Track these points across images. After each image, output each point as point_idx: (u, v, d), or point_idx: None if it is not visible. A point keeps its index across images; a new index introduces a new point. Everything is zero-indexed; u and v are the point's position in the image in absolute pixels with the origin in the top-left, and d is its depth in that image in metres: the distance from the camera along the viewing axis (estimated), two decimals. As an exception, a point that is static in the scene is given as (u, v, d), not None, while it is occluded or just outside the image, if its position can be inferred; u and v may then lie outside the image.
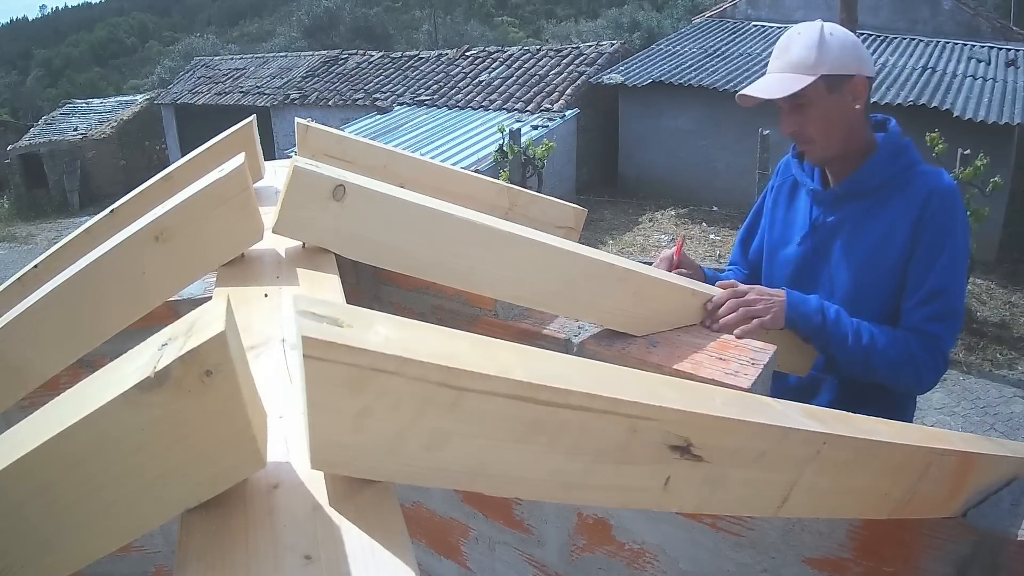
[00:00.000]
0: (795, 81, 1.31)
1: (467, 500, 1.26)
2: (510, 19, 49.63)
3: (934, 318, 1.31)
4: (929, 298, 1.31)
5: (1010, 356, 5.82)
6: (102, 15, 71.89)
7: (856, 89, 1.34)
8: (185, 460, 0.40)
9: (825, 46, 1.31)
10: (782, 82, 1.33)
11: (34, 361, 0.82)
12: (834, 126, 1.35)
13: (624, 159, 11.20)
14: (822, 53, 1.31)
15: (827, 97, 1.32)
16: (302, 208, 0.83)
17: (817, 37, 1.32)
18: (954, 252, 1.32)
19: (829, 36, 1.32)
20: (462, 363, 0.42)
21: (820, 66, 1.30)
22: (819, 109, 1.33)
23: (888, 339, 1.30)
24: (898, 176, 1.36)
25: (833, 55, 1.31)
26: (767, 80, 1.37)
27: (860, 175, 1.38)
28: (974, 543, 0.77)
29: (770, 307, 1.20)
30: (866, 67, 1.35)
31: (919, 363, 1.30)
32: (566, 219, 1.53)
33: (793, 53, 1.34)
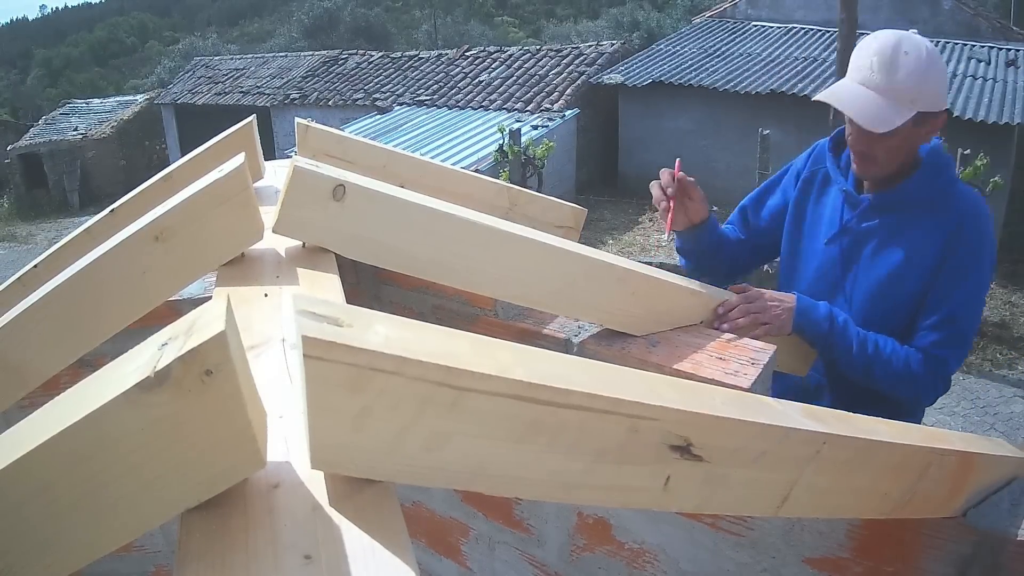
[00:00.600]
0: (893, 115, 1.23)
1: (467, 500, 1.26)
2: (510, 19, 49.64)
3: (944, 343, 1.30)
4: (943, 323, 1.30)
5: (1010, 356, 5.82)
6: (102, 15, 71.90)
7: (936, 123, 1.28)
8: (185, 460, 0.40)
9: (929, 80, 1.23)
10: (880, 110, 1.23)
11: (34, 361, 0.82)
12: (902, 156, 1.31)
13: (624, 159, 11.20)
14: (925, 87, 1.23)
15: (911, 130, 1.26)
16: (302, 208, 0.83)
17: (924, 66, 1.22)
18: (977, 280, 1.30)
19: (932, 65, 1.23)
20: (462, 363, 0.42)
21: (919, 101, 1.23)
22: (900, 140, 1.27)
23: (892, 354, 1.29)
24: (936, 195, 1.32)
25: (933, 90, 1.24)
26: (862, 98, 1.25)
27: (901, 190, 1.33)
28: (974, 543, 0.77)
29: (778, 314, 1.20)
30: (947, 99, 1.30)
31: (919, 383, 1.30)
32: (566, 219, 1.53)
33: (900, 78, 1.22)
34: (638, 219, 9.89)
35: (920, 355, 1.30)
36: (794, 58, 10.65)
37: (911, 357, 1.30)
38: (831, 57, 8.77)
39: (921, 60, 1.22)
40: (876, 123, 1.23)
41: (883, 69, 1.24)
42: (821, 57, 10.46)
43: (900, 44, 1.25)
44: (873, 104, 1.24)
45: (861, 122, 1.24)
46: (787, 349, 1.28)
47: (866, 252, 1.39)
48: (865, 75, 1.26)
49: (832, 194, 1.46)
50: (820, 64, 10.17)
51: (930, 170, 1.33)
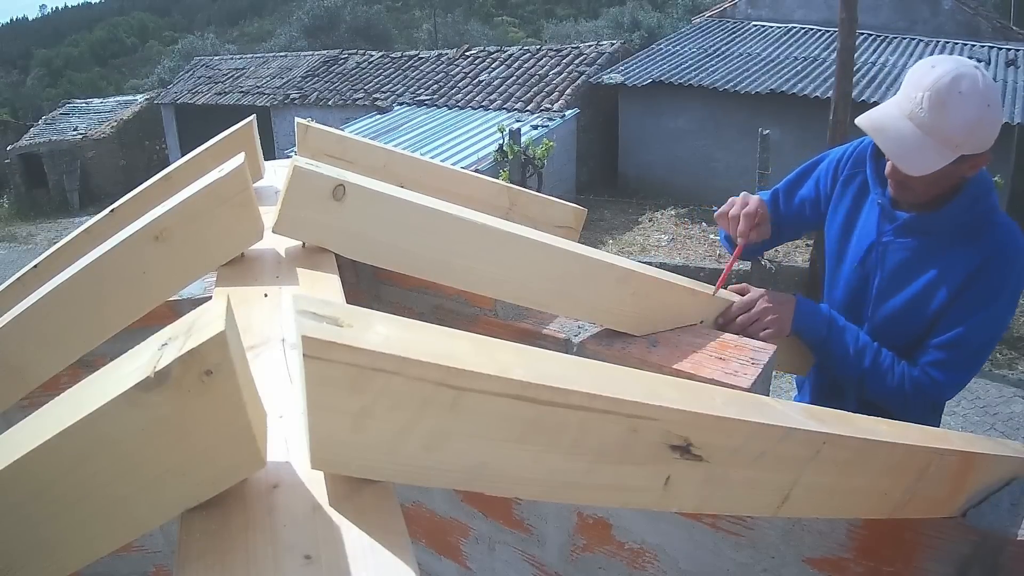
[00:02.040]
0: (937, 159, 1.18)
1: (467, 500, 1.26)
2: (510, 19, 49.63)
3: (943, 366, 1.28)
4: (947, 345, 1.28)
5: (1010, 356, 5.82)
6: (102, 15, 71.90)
7: (977, 163, 1.24)
8: (185, 460, 0.40)
9: (977, 128, 1.18)
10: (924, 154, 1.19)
11: (34, 361, 0.82)
12: (940, 188, 1.27)
13: (624, 159, 11.20)
14: (972, 136, 1.18)
15: (951, 167, 1.21)
16: (302, 208, 0.83)
17: (976, 114, 1.17)
18: (993, 314, 1.27)
19: (987, 109, 1.18)
20: (462, 363, 0.42)
21: (963, 147, 1.19)
22: (938, 175, 1.22)
23: (888, 369, 1.28)
24: (972, 221, 1.29)
25: (979, 137, 1.19)
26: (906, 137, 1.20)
27: (939, 216, 1.30)
28: (974, 543, 0.77)
29: (775, 319, 1.20)
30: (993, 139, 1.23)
31: (908, 402, 1.29)
32: (566, 219, 1.53)
33: (947, 122, 1.17)
34: (638, 219, 9.89)
35: (916, 373, 1.28)
36: (794, 58, 10.65)
37: (906, 376, 1.28)
38: (831, 57, 8.76)
39: (975, 105, 1.16)
40: (914, 167, 1.20)
41: (933, 109, 1.17)
42: (821, 57, 10.46)
43: (957, 83, 1.17)
44: (914, 145, 1.19)
45: (899, 165, 1.21)
46: (787, 349, 1.28)
47: (894, 269, 1.36)
48: (913, 109, 1.20)
49: (869, 202, 1.42)
50: (820, 64, 10.17)
51: (971, 197, 1.29)
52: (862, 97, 8.48)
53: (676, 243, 8.98)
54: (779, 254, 8.05)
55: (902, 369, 1.29)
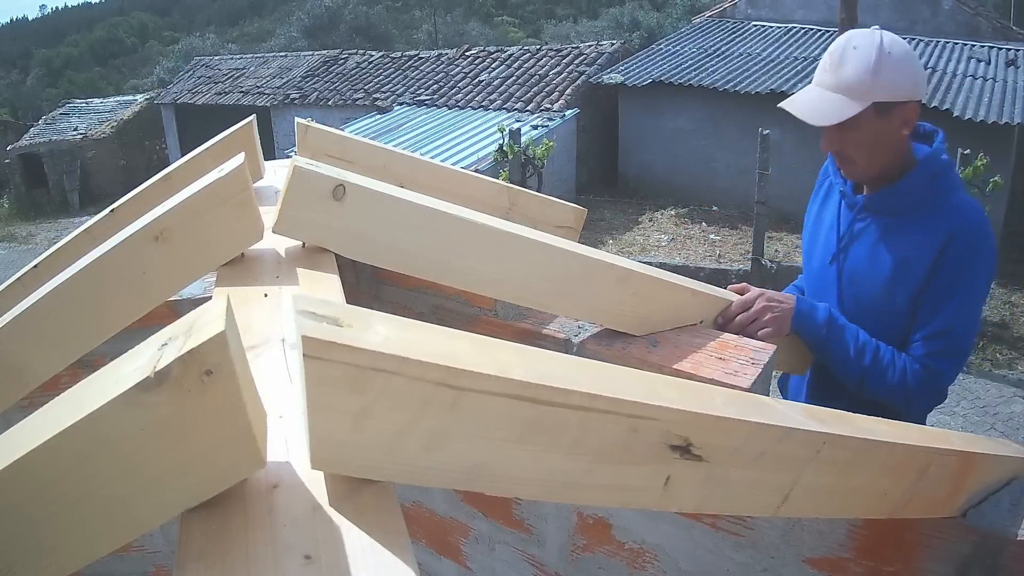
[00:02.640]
0: (844, 108, 1.24)
1: (467, 500, 1.26)
2: (510, 19, 49.63)
3: (939, 355, 1.29)
4: (936, 335, 1.29)
5: (1010, 356, 5.82)
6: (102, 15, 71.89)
7: (906, 115, 1.26)
8: (185, 460, 0.40)
9: (881, 70, 1.22)
10: (831, 105, 1.25)
11: (34, 361, 0.82)
12: (878, 150, 1.29)
13: (624, 159, 11.20)
14: (877, 78, 1.22)
15: (875, 121, 1.25)
16: (302, 208, 0.83)
17: (875, 58, 1.22)
18: (970, 292, 1.29)
19: (887, 56, 1.22)
20: (462, 363, 0.42)
21: (873, 93, 1.22)
22: (865, 133, 1.26)
23: (889, 365, 1.29)
24: (930, 200, 1.31)
25: (888, 81, 1.22)
26: (815, 98, 1.29)
27: (891, 193, 1.33)
28: (974, 543, 0.77)
29: (774, 319, 1.20)
30: (919, 90, 1.27)
31: (912, 395, 1.29)
32: (566, 219, 1.53)
33: (847, 72, 1.24)
34: (638, 219, 9.89)
35: (917, 367, 1.29)
36: (794, 58, 10.64)
37: (908, 369, 1.29)
38: (831, 57, 8.76)
39: (871, 52, 1.22)
40: (821, 117, 1.26)
41: (832, 66, 1.27)
42: (821, 57, 10.45)
43: (851, 40, 1.27)
44: (821, 100, 1.27)
45: (806, 118, 1.27)
46: (787, 349, 1.28)
47: (859, 254, 1.39)
48: (819, 76, 1.30)
49: (834, 198, 1.47)
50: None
51: (925, 172, 1.31)
52: (862, 97, 8.46)
53: (676, 243, 8.98)
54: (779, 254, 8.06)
55: (903, 364, 1.29)
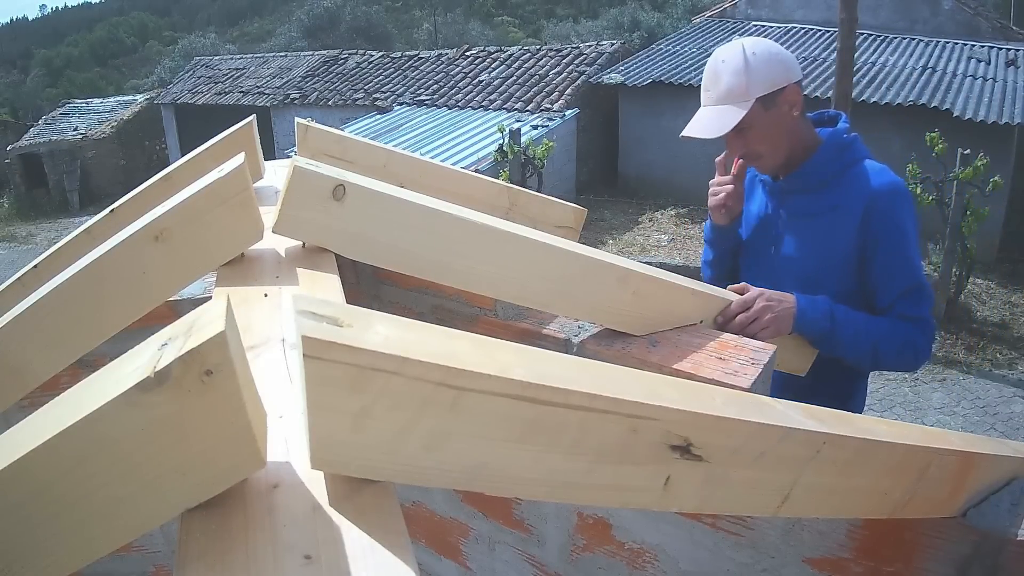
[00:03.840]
0: (732, 114, 1.35)
1: (467, 500, 1.26)
2: (510, 19, 49.63)
3: (915, 304, 1.38)
4: (905, 293, 1.38)
5: (1010, 356, 5.82)
6: (102, 15, 71.89)
7: (790, 98, 1.38)
8: (185, 460, 0.40)
9: (752, 69, 1.34)
10: (721, 117, 1.37)
11: (34, 361, 0.82)
12: (777, 138, 1.41)
13: (624, 159, 11.19)
14: (751, 77, 1.34)
15: (764, 115, 1.37)
16: (302, 208, 0.83)
17: (742, 62, 1.34)
18: (909, 248, 1.39)
19: (752, 56, 1.35)
20: (462, 363, 0.42)
21: (752, 91, 1.34)
22: (760, 128, 1.38)
23: (890, 329, 1.36)
24: (841, 172, 1.42)
25: (761, 76, 1.34)
26: (706, 116, 1.40)
27: (802, 171, 1.44)
28: (974, 543, 0.77)
29: (776, 317, 1.22)
30: (794, 73, 1.39)
31: (918, 346, 1.38)
32: (566, 219, 1.53)
33: (723, 84, 1.36)
34: (638, 219, 9.89)
35: (907, 322, 1.37)
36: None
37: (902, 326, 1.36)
38: (831, 57, 8.77)
39: (739, 59, 1.35)
40: (717, 129, 1.37)
41: (711, 84, 1.39)
42: (821, 57, 10.46)
43: (718, 56, 1.39)
44: (711, 116, 1.38)
45: (704, 135, 1.38)
46: (787, 349, 1.28)
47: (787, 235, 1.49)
48: (704, 98, 1.42)
49: (757, 190, 1.59)
50: (820, 64, 10.17)
51: (829, 149, 1.43)
52: (862, 97, 8.47)
53: (676, 243, 8.98)
54: (779, 254, 8.04)
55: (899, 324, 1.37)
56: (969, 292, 6.74)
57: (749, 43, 1.38)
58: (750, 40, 1.39)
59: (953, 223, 5.98)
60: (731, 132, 1.38)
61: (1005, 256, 8.00)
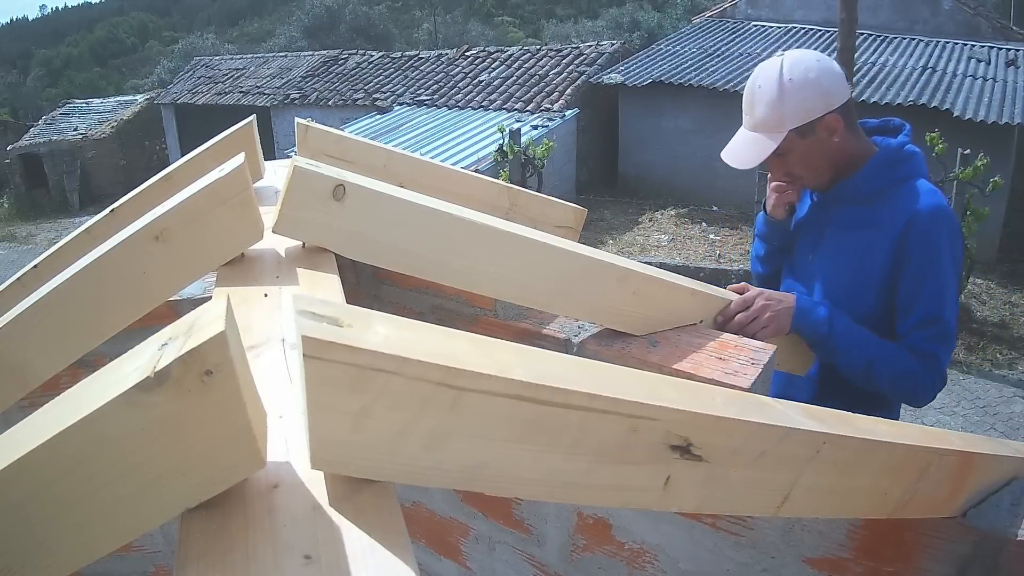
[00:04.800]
0: (765, 145, 1.35)
1: (467, 500, 1.26)
2: (510, 19, 49.62)
3: (930, 340, 1.33)
4: (922, 323, 1.33)
5: (1010, 356, 5.82)
6: (102, 15, 71.89)
7: (829, 126, 1.35)
8: (185, 460, 0.40)
9: (785, 100, 1.31)
10: (755, 145, 1.37)
11: (34, 361, 0.82)
12: (817, 162, 1.39)
13: (624, 159, 11.19)
14: (783, 109, 1.32)
15: (800, 143, 1.35)
16: (302, 208, 0.83)
17: (776, 92, 1.32)
18: (941, 277, 1.33)
19: (788, 84, 1.31)
20: (462, 363, 0.42)
21: (785, 123, 1.33)
22: (797, 155, 1.37)
23: (891, 353, 1.32)
24: (890, 187, 1.38)
25: (794, 107, 1.32)
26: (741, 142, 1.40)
27: (848, 183, 1.42)
28: (974, 543, 0.77)
29: (775, 316, 1.22)
30: (836, 98, 1.34)
31: (918, 379, 1.33)
32: (566, 219, 1.53)
33: (758, 112, 1.35)
34: (638, 219, 9.89)
35: (915, 356, 1.32)
36: (794, 58, 10.63)
37: (906, 357, 1.32)
38: (831, 57, 8.76)
39: (773, 88, 1.32)
40: (746, 162, 1.38)
41: (748, 109, 1.38)
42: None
43: (755, 80, 1.37)
44: (745, 144, 1.39)
45: (738, 165, 1.40)
46: (787, 349, 1.28)
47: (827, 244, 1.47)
48: (744, 119, 1.41)
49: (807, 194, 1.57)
50: (820, 64, 10.15)
51: (879, 162, 1.39)
52: (862, 97, 8.48)
53: (676, 243, 8.98)
54: (779, 254, 8.04)
55: (905, 354, 1.32)
56: (969, 292, 6.74)
57: (788, 64, 1.32)
58: (791, 60, 1.33)
59: (953, 223, 5.96)
60: (768, 158, 1.37)
61: (1005, 256, 8.00)
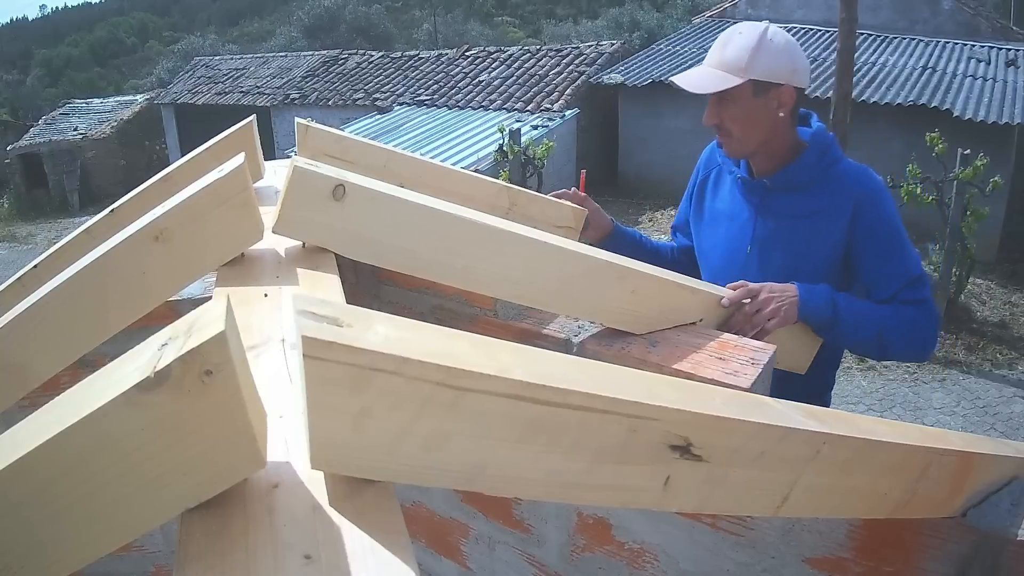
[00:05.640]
0: (723, 80, 1.36)
1: (467, 500, 1.26)
2: (510, 19, 49.61)
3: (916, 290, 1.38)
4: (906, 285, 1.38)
5: (1010, 356, 5.82)
6: (102, 15, 71.88)
7: (782, 97, 1.38)
8: (185, 460, 0.40)
9: (760, 52, 1.34)
10: (712, 78, 1.38)
11: (34, 361, 0.82)
12: (753, 126, 1.41)
13: (624, 159, 11.19)
14: (755, 58, 1.34)
15: (751, 99, 1.37)
16: (302, 208, 0.83)
17: (756, 41, 1.34)
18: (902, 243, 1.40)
19: (768, 42, 1.35)
20: (462, 363, 0.42)
21: (750, 71, 1.34)
22: (741, 108, 1.38)
23: (893, 314, 1.35)
24: (824, 173, 1.43)
25: (765, 62, 1.34)
26: (699, 72, 1.41)
27: (792, 171, 1.44)
28: (974, 543, 0.77)
29: (782, 306, 1.22)
30: (798, 78, 1.39)
31: (924, 330, 1.36)
32: (566, 219, 1.53)
33: (728, 52, 1.37)
34: (638, 219, 9.89)
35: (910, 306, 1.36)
36: (794, 58, 10.63)
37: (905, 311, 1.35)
38: (831, 57, 8.76)
39: (754, 36, 1.35)
40: (699, 87, 1.38)
41: (718, 49, 1.41)
42: (821, 57, 10.45)
43: (737, 27, 1.41)
44: (704, 75, 1.40)
45: (688, 87, 1.39)
46: (787, 348, 1.28)
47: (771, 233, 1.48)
48: (707, 58, 1.43)
49: (727, 186, 1.57)
50: (820, 64, 10.16)
51: (816, 150, 1.43)
52: (862, 97, 8.47)
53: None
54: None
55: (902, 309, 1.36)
56: (969, 292, 6.74)
57: (773, 29, 1.38)
58: (775, 28, 1.39)
59: (953, 223, 5.97)
60: (714, 98, 1.40)
61: (1005, 256, 8.00)
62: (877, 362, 5.67)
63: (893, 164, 6.84)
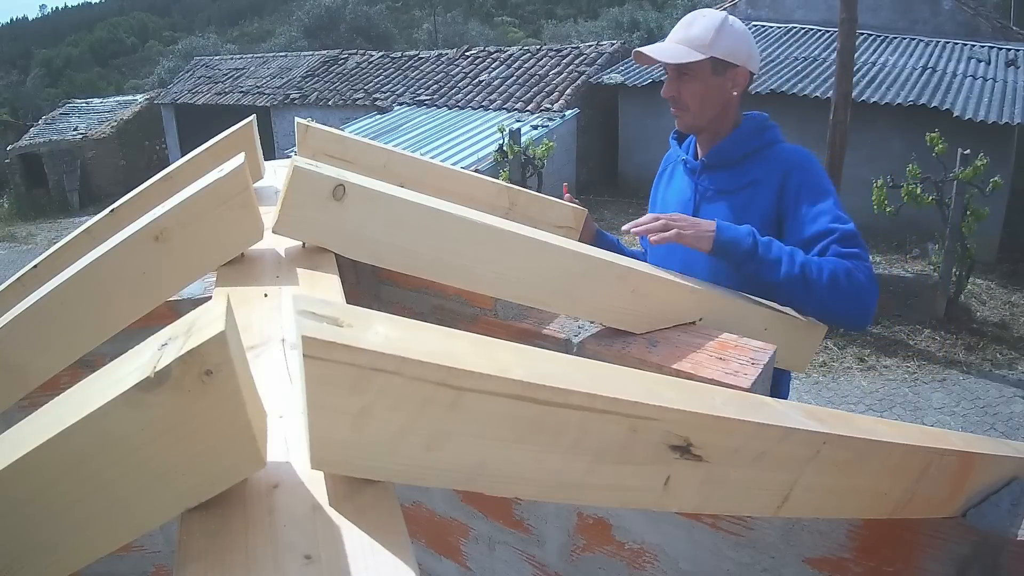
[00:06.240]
0: (687, 54, 1.46)
1: (467, 500, 1.26)
2: (510, 19, 49.61)
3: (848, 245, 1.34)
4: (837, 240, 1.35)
5: (1010, 356, 5.81)
6: (102, 15, 71.88)
7: (737, 78, 1.50)
8: (185, 460, 0.40)
9: (723, 33, 1.46)
10: (676, 51, 1.47)
11: (34, 361, 0.82)
12: (708, 102, 1.51)
13: (624, 159, 11.19)
14: (718, 38, 1.45)
15: (710, 76, 1.48)
16: (302, 208, 0.83)
17: (719, 23, 1.47)
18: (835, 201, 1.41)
19: (729, 26, 1.47)
20: (462, 363, 0.42)
21: (713, 48, 1.45)
22: (699, 83, 1.49)
23: (821, 260, 1.31)
24: (760, 150, 1.51)
25: (727, 43, 1.46)
26: (665, 46, 1.51)
27: (724, 145, 1.54)
28: (974, 543, 0.77)
29: (697, 224, 1.29)
30: (752, 63, 1.51)
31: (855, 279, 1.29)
32: (566, 219, 1.53)
33: (694, 30, 1.48)
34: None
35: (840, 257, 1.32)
36: (794, 58, 10.64)
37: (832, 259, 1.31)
38: (831, 57, 8.76)
39: (717, 19, 1.47)
40: (668, 56, 1.47)
41: (683, 27, 1.52)
42: (821, 57, 10.45)
43: (702, 12, 1.53)
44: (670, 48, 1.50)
45: (655, 55, 1.47)
46: (787, 347, 1.28)
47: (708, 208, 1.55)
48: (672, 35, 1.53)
49: (679, 173, 1.67)
50: (820, 64, 10.16)
51: (751, 126, 1.54)
52: (862, 97, 8.47)
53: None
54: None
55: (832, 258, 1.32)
56: (969, 292, 6.74)
57: (732, 18, 1.51)
58: (734, 18, 1.51)
59: (953, 223, 5.97)
60: (673, 72, 1.50)
61: (1005, 256, 8.00)
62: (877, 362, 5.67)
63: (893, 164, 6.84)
